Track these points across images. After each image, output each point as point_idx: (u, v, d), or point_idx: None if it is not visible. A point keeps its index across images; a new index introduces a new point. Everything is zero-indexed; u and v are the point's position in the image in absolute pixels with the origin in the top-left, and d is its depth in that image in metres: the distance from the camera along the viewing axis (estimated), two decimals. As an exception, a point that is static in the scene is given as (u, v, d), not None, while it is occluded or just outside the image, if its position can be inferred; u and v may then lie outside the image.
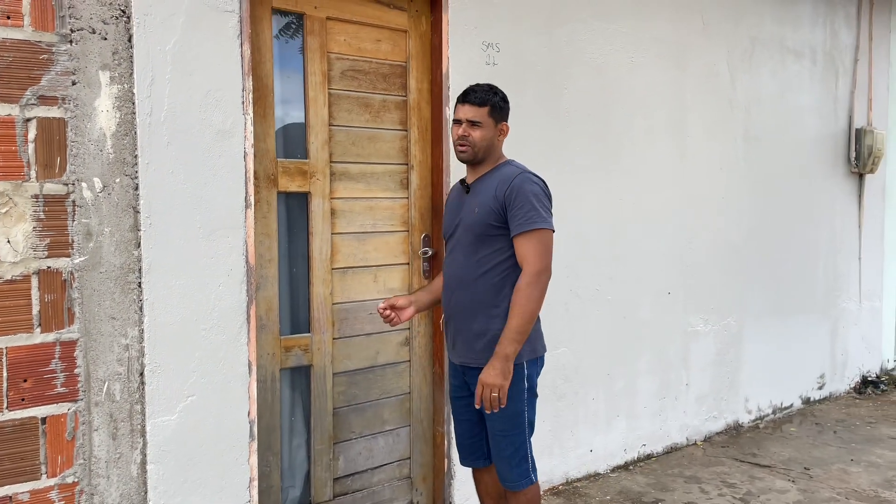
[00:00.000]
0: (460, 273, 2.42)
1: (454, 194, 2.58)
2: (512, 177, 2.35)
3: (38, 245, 2.18)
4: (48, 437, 2.22)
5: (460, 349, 2.45)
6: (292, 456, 2.89)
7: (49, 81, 2.18)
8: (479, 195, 2.40)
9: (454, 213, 2.50)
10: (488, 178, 2.42)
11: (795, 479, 3.73)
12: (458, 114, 2.41)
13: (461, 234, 2.43)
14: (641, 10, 3.86)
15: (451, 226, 2.49)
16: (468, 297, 2.40)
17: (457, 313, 2.44)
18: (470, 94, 2.40)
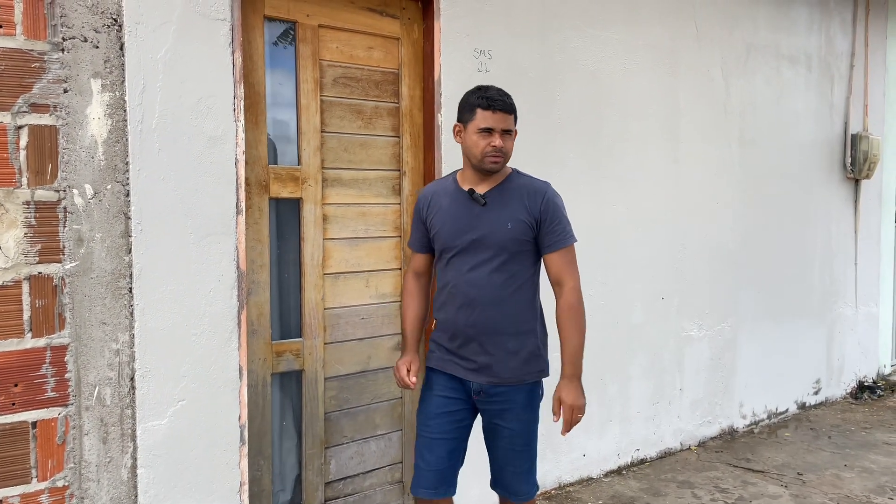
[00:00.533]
0: (489, 291, 2.29)
1: (453, 203, 2.36)
2: (542, 191, 2.33)
3: (30, 251, 2.20)
4: (39, 442, 2.24)
5: (489, 369, 2.33)
6: (283, 460, 2.91)
7: (41, 89, 2.20)
8: (504, 208, 2.30)
9: (463, 225, 2.31)
10: (507, 190, 2.32)
11: (788, 484, 3.74)
12: (489, 122, 2.25)
13: (482, 249, 2.29)
14: (634, 16, 3.88)
15: (463, 239, 2.31)
16: (499, 315, 2.31)
17: (483, 333, 2.31)
18: (498, 101, 2.26)
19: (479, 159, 2.27)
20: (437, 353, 2.43)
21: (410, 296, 2.53)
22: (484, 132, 2.25)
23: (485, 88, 2.30)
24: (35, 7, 2.19)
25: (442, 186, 2.42)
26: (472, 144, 2.27)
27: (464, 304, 2.31)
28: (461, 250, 2.32)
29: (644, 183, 3.98)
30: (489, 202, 2.31)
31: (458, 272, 2.33)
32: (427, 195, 2.44)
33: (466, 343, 2.34)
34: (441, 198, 2.39)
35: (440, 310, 2.41)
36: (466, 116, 2.29)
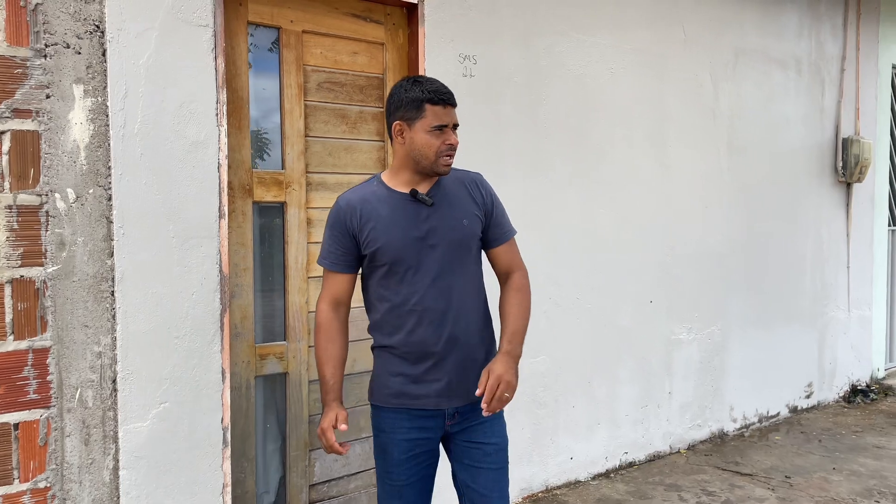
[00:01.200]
0: (457, 300, 2.08)
1: (395, 210, 2.06)
2: (481, 181, 2.19)
3: (12, 254, 2.23)
4: (21, 443, 2.27)
5: (464, 387, 2.10)
6: (267, 462, 2.93)
7: (23, 95, 2.23)
8: (453, 206, 2.09)
9: (415, 232, 2.05)
10: (446, 186, 2.12)
11: (775, 487, 3.75)
12: (442, 118, 2.02)
13: (441, 255, 2.06)
14: (621, 22, 3.91)
15: (419, 247, 2.05)
16: (471, 324, 2.12)
17: (457, 348, 2.09)
18: (447, 94, 2.04)
19: (433, 161, 2.03)
20: (391, 386, 2.10)
21: (330, 333, 2.12)
22: (437, 130, 2.01)
23: (426, 80, 2.05)
24: (18, 14, 2.22)
25: (367, 193, 2.09)
26: (424, 145, 2.01)
27: (432, 319, 2.05)
28: (418, 260, 2.05)
29: (632, 187, 4.00)
30: (438, 201, 2.09)
31: (417, 285, 2.05)
32: (352, 204, 2.07)
33: (438, 364, 2.08)
34: (374, 205, 2.06)
35: (393, 333, 2.09)
36: (412, 114, 2.02)
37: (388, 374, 2.11)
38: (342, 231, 2.08)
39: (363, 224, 2.06)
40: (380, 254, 2.05)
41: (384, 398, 2.13)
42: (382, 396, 2.13)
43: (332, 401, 2.09)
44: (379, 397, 2.15)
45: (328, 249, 2.11)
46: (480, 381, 1.99)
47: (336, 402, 2.10)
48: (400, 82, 2.09)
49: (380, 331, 2.13)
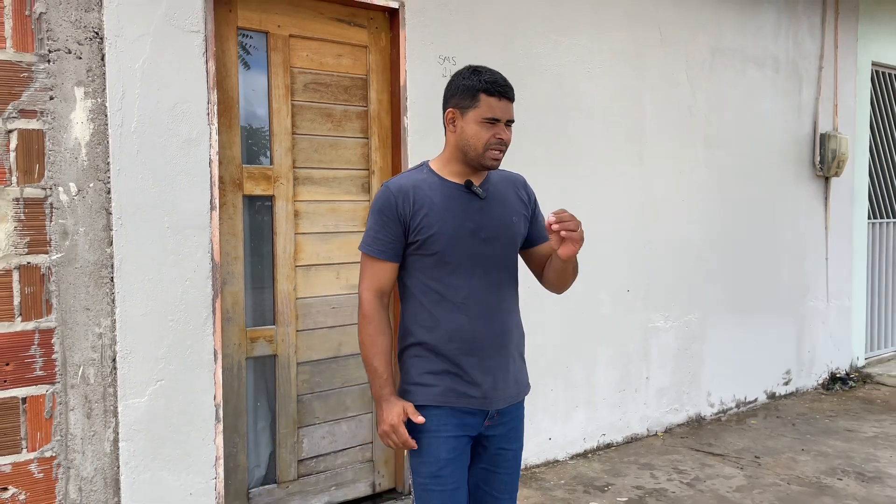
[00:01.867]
0: (504, 296, 2.06)
1: (448, 199, 2.00)
2: (524, 181, 2.20)
3: (19, 243, 2.43)
4: (28, 416, 2.48)
5: (505, 387, 2.05)
6: (258, 438, 3.14)
7: (29, 97, 2.44)
8: (504, 203, 2.07)
9: (469, 223, 1.99)
10: (495, 183, 2.10)
11: (744, 466, 3.93)
12: (496, 111, 1.95)
13: (491, 250, 2.01)
14: (598, 23, 4.09)
15: (473, 240, 1.99)
16: (513, 322, 2.10)
17: (502, 344, 2.05)
18: (505, 87, 1.97)
19: (480, 153, 1.96)
20: (437, 383, 1.99)
21: (380, 324, 1.99)
22: (489, 122, 1.95)
23: (487, 71, 1.98)
24: (23, 23, 2.42)
25: (420, 180, 2.02)
26: (473, 135, 1.95)
27: (482, 314, 2.00)
28: (471, 252, 1.99)
29: (610, 181, 4.18)
30: (489, 195, 2.05)
31: (469, 278, 1.99)
32: (404, 190, 1.98)
33: (485, 362, 2.01)
34: (426, 192, 1.99)
35: (436, 328, 1.99)
36: (466, 102, 1.96)
37: (430, 373, 2.00)
38: (392, 216, 1.97)
39: (416, 209, 1.96)
40: (432, 241, 1.96)
41: (428, 396, 1.99)
42: (425, 395, 1.99)
43: (390, 394, 1.97)
44: (422, 396, 1.99)
45: (374, 236, 1.99)
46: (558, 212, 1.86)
47: (395, 396, 1.98)
48: (460, 70, 2.02)
49: (420, 325, 2.01)
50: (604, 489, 3.63)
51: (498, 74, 1.97)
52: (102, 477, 2.62)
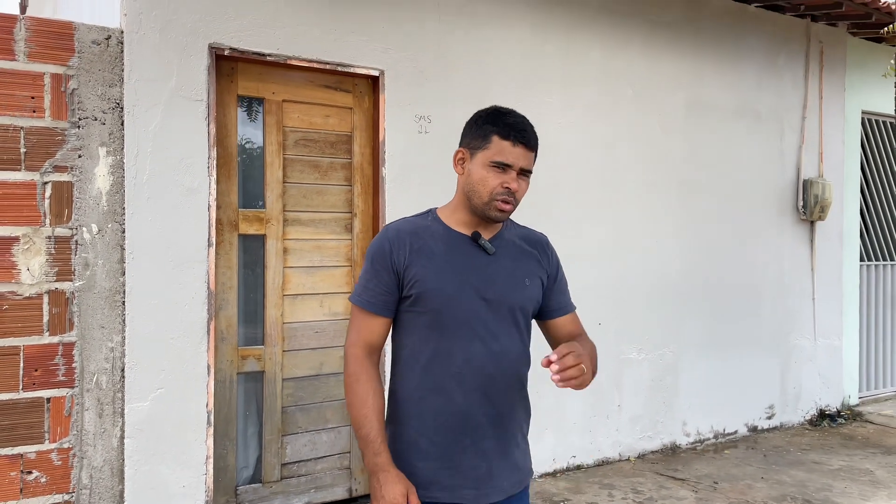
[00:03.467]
0: (509, 368, 1.80)
1: (450, 250, 1.80)
2: (547, 241, 1.98)
3: (49, 272, 3.03)
4: (51, 413, 3.04)
5: (503, 477, 1.80)
6: (247, 443, 3.64)
7: (62, 155, 3.05)
8: (516, 261, 1.86)
9: (472, 279, 1.78)
10: (509, 239, 1.89)
11: (700, 490, 4.24)
12: (507, 156, 1.74)
13: (496, 312, 1.79)
14: (569, 80, 4.55)
15: (475, 298, 1.77)
16: (518, 398, 1.85)
17: (502, 424, 1.80)
18: (522, 132, 1.76)
19: (486, 202, 1.76)
20: (418, 474, 1.76)
21: (369, 384, 1.76)
22: (497, 167, 1.74)
23: (505, 113, 1.79)
24: (59, 97, 3.05)
25: (422, 227, 1.83)
26: (479, 180, 1.75)
27: (479, 386, 1.76)
28: (471, 314, 1.76)
29: (580, 223, 4.60)
30: (498, 251, 1.83)
31: (465, 343, 1.76)
32: (401, 236, 1.79)
33: (479, 443, 1.77)
34: (427, 241, 1.80)
35: (426, 399, 1.77)
36: (477, 142, 1.78)
37: (414, 458, 1.76)
38: (385, 266, 1.77)
39: (412, 260, 1.76)
40: (427, 298, 1.75)
41: None
42: None
43: (387, 465, 1.71)
44: None
45: (365, 286, 1.79)
46: (560, 350, 1.62)
47: (394, 466, 1.72)
48: (483, 109, 1.85)
49: (409, 393, 1.79)
50: (559, 504, 4.00)
51: (520, 118, 1.78)
52: (110, 467, 3.16)
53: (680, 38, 5.05)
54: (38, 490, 3.01)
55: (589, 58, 4.64)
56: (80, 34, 3.09)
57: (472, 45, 4.18)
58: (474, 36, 4.19)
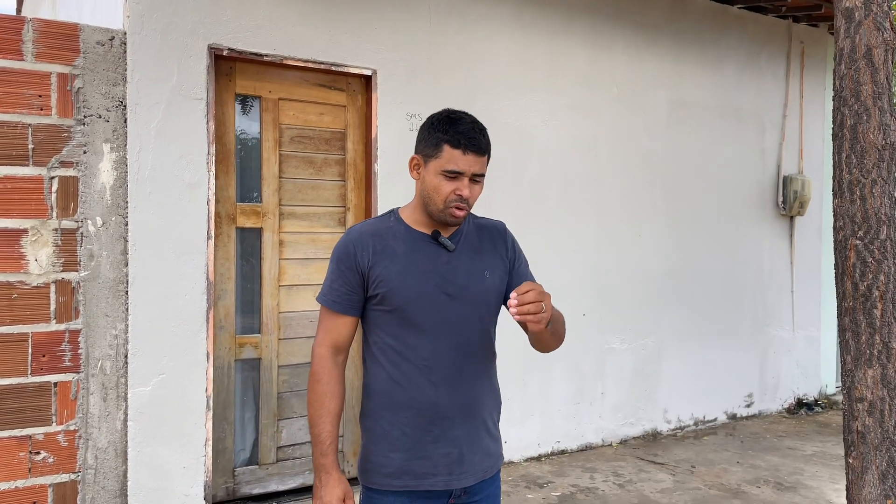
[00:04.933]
0: (474, 359, 1.88)
1: (412, 249, 1.86)
2: (504, 229, 2.02)
3: (56, 263, 3.18)
4: (58, 397, 3.20)
5: (473, 462, 1.87)
6: (244, 427, 3.81)
7: (68, 151, 3.20)
8: (477, 256, 1.91)
9: (433, 276, 1.84)
10: (469, 233, 1.95)
11: (677, 473, 4.43)
12: (458, 164, 1.78)
13: (459, 307, 1.85)
14: (554, 83, 4.71)
15: (438, 294, 1.84)
16: (486, 388, 1.93)
17: (471, 413, 1.87)
18: (472, 140, 1.78)
19: (441, 209, 1.81)
20: (390, 464, 1.82)
21: (329, 385, 1.84)
22: (449, 175, 1.79)
23: (456, 120, 1.80)
24: (65, 95, 3.19)
25: (383, 228, 1.89)
26: (433, 188, 1.81)
27: (446, 377, 1.83)
28: (434, 309, 1.83)
29: (565, 218, 4.77)
30: (456, 248, 1.90)
31: (431, 337, 1.83)
32: (364, 238, 1.86)
33: (449, 431, 1.84)
34: (389, 242, 1.86)
35: (396, 392, 1.83)
36: (429, 151, 1.81)
37: (387, 448, 1.83)
38: (350, 266, 1.83)
39: (376, 260, 1.82)
40: (392, 296, 1.81)
41: (382, 479, 1.83)
42: (379, 477, 1.83)
43: (331, 467, 1.80)
44: (375, 478, 1.84)
45: (330, 286, 1.85)
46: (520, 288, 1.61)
47: (337, 469, 1.80)
48: (434, 114, 1.86)
49: (380, 387, 1.85)
50: (543, 486, 4.18)
51: (469, 125, 1.80)
52: (114, 448, 3.32)
53: (662, 38, 5.22)
54: (46, 470, 3.17)
55: (574, 58, 4.80)
56: (85, 35, 3.23)
57: (461, 45, 4.34)
58: (464, 37, 4.35)
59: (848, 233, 1.93)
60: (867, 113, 1.88)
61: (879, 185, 1.86)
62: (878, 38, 1.84)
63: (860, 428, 1.81)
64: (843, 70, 1.93)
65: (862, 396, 1.81)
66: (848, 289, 1.93)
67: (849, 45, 1.92)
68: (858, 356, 1.84)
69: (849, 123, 1.92)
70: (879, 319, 1.82)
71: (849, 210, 1.94)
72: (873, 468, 1.75)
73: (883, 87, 1.87)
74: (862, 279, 1.88)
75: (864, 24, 1.86)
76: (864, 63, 1.88)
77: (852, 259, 1.91)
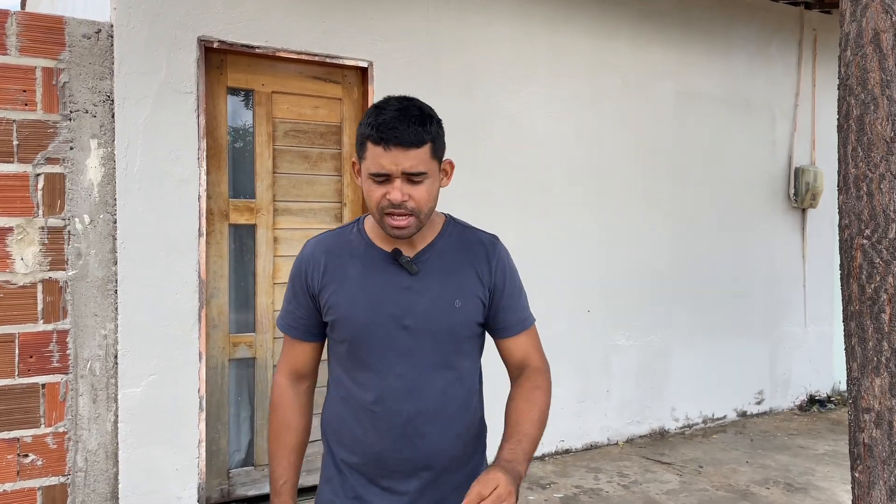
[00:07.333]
0: (432, 403, 1.57)
1: (367, 270, 1.57)
2: (492, 247, 1.65)
3: (43, 262, 3.11)
4: (46, 398, 3.14)
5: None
6: (239, 427, 3.74)
7: (54, 148, 3.12)
8: (448, 278, 1.58)
9: (388, 304, 1.55)
10: (445, 251, 1.61)
11: (684, 473, 4.32)
12: (383, 165, 1.45)
13: (418, 341, 1.55)
14: (556, 72, 4.59)
15: (391, 325, 1.55)
16: (451, 442, 1.61)
17: (428, 473, 1.59)
18: (393, 130, 1.43)
19: (378, 219, 1.51)
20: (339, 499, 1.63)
21: (286, 416, 1.65)
22: (377, 179, 1.47)
23: (381, 109, 1.48)
24: (51, 90, 3.11)
25: (340, 242, 1.62)
26: (367, 195, 1.51)
27: (393, 427, 1.56)
28: (387, 343, 1.55)
29: (569, 213, 4.66)
30: (421, 269, 1.57)
31: (379, 376, 1.56)
32: (315, 255, 1.61)
33: (398, 483, 1.59)
34: (344, 261, 1.59)
35: (342, 435, 1.61)
36: (359, 150, 1.52)
37: (333, 493, 1.64)
38: (301, 288, 1.61)
39: (324, 283, 1.58)
40: (339, 326, 1.57)
41: None
42: None
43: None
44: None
45: (286, 309, 1.66)
46: (470, 494, 1.33)
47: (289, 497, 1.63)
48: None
49: (329, 429, 1.65)
50: (545, 486, 4.09)
51: (394, 112, 1.45)
52: (104, 451, 3.26)
53: (669, 26, 5.08)
54: (35, 473, 3.11)
55: (577, 47, 4.68)
56: (70, 28, 3.15)
57: (460, 35, 4.23)
58: (462, 26, 4.24)
59: (854, 231, 1.82)
60: (874, 102, 1.76)
61: (888, 180, 1.74)
62: (886, 21, 1.72)
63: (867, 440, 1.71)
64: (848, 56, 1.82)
65: (869, 406, 1.70)
66: (854, 291, 1.81)
67: (855, 29, 1.80)
68: (865, 364, 1.73)
69: (855, 114, 1.81)
70: (888, 324, 1.71)
71: (855, 207, 1.82)
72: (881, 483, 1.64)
73: (891, 74, 1.75)
74: (869, 281, 1.76)
75: (871, 7, 1.74)
76: (872, 48, 1.76)
77: (858, 260, 1.80)
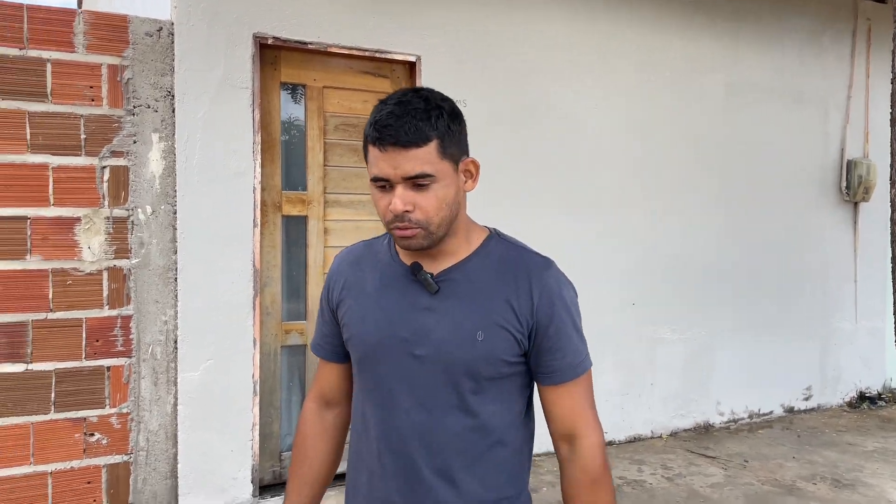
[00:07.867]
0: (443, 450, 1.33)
1: (384, 285, 1.39)
2: (540, 273, 1.37)
3: (108, 250, 3.26)
4: (111, 380, 3.29)
5: None
6: (290, 411, 3.86)
7: (118, 141, 3.27)
8: (472, 303, 1.34)
9: (398, 325, 1.34)
10: (478, 270, 1.37)
11: (729, 468, 4.31)
12: (381, 169, 1.27)
13: (430, 373, 1.32)
14: (607, 68, 4.59)
15: (397, 350, 1.34)
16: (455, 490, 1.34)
17: None
18: (393, 125, 1.25)
19: (387, 229, 1.33)
20: None
21: (305, 444, 1.50)
22: (379, 185, 1.30)
23: (383, 103, 1.32)
24: (115, 86, 3.25)
25: (370, 254, 1.47)
26: (374, 204, 1.34)
27: (400, 469, 1.34)
28: (395, 371, 1.34)
29: (617, 206, 4.67)
30: (444, 289, 1.35)
31: (384, 411, 1.36)
32: (341, 267, 1.49)
33: None
34: (366, 274, 1.42)
35: (358, 467, 1.42)
36: (364, 154, 1.34)
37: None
38: (325, 302, 1.48)
39: (342, 297, 1.43)
40: (351, 345, 1.41)
41: None
42: None
43: None
44: None
45: (316, 325, 1.53)
46: None
47: None
48: None
49: (350, 455, 1.46)
50: (589, 477, 4.12)
51: (391, 107, 1.27)
52: (164, 432, 3.40)
53: (719, 18, 5.03)
54: (100, 451, 3.27)
55: (626, 41, 4.67)
56: (133, 27, 3.28)
57: (508, 29, 4.27)
58: (511, 20, 4.27)
59: (907, 224, 1.80)
60: (928, 96, 1.75)
61: (941, 173, 1.73)
62: (941, 15, 1.71)
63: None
64: (903, 50, 1.80)
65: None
66: (906, 284, 1.80)
67: (909, 24, 1.78)
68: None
69: (909, 107, 1.79)
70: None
71: (907, 200, 1.81)
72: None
73: (946, 68, 1.73)
74: (920, 274, 1.75)
75: (926, 1, 1.73)
76: (926, 43, 1.75)
77: (910, 253, 1.79)
